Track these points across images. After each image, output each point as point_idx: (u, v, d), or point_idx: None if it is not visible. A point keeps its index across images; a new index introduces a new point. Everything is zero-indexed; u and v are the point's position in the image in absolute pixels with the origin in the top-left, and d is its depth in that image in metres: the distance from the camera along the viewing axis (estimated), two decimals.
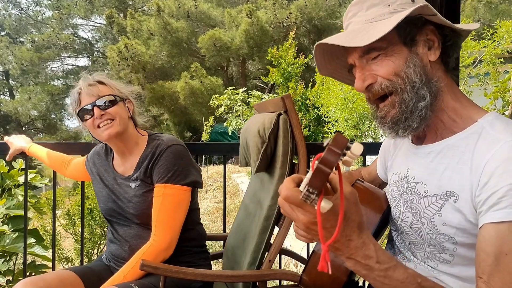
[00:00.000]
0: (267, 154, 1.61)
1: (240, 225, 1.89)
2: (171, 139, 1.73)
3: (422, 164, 1.08)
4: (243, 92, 13.86)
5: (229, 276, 1.54)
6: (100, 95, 1.67)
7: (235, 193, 10.42)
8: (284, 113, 1.58)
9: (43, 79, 27.92)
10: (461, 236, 0.96)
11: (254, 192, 1.84)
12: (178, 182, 1.64)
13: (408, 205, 1.09)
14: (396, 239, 1.18)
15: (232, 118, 13.83)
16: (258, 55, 21.08)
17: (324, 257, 0.74)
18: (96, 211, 6.87)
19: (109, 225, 1.83)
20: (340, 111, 6.28)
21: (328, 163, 0.69)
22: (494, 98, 3.37)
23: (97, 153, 1.93)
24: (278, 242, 1.58)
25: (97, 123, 1.67)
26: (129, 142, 1.75)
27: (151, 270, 1.47)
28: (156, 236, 1.60)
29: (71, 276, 1.65)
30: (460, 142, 1.00)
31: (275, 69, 12.09)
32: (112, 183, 1.79)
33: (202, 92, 18.97)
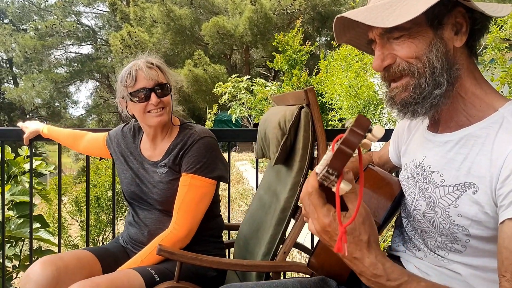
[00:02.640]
0: (287, 146, 1.61)
1: (253, 215, 1.90)
2: (204, 131, 1.74)
3: (438, 153, 1.05)
4: (246, 80, 13.82)
5: (244, 266, 1.55)
6: (159, 81, 1.68)
7: (238, 181, 10.46)
8: (306, 106, 1.57)
9: (47, 66, 27.87)
10: (476, 229, 0.94)
11: (269, 183, 1.85)
12: (205, 175, 1.66)
13: (423, 193, 1.06)
14: (407, 226, 1.17)
15: (236, 106, 13.80)
16: (261, 43, 20.97)
17: (340, 239, 0.75)
18: (102, 199, 6.92)
19: (130, 208, 1.84)
20: (345, 98, 6.24)
21: (350, 144, 0.69)
22: (501, 83, 3.33)
23: (122, 134, 1.92)
24: (293, 234, 1.59)
25: (149, 108, 1.68)
26: (166, 129, 1.77)
27: (168, 255, 1.49)
28: (176, 225, 1.62)
29: (88, 255, 1.67)
30: (480, 132, 0.96)
31: (280, 56, 12.04)
32: (137, 167, 1.80)
33: (205, 80, 18.93)
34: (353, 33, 1.12)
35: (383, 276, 0.83)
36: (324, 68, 8.23)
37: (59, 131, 2.16)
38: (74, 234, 6.51)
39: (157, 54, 1.81)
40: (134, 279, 1.47)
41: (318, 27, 22.61)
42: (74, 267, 1.58)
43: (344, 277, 1.18)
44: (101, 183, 6.86)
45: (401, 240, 1.20)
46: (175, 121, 1.80)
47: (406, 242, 1.18)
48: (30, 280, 1.49)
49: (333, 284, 1.18)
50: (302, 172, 1.57)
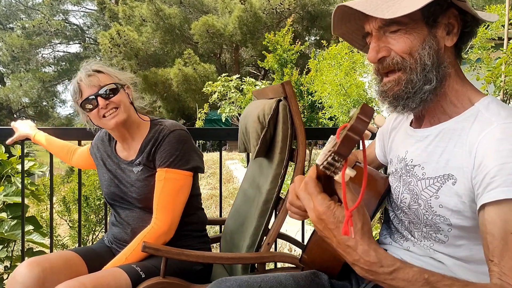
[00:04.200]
0: (267, 139, 1.63)
1: (238, 209, 1.92)
2: (173, 124, 1.75)
3: (419, 148, 1.10)
4: (236, 79, 13.81)
5: (229, 258, 1.58)
6: (101, 85, 1.68)
7: (229, 180, 10.47)
8: (284, 99, 1.60)
9: (34, 66, 27.63)
10: (456, 218, 0.99)
11: (253, 177, 1.87)
12: (179, 167, 1.67)
13: (406, 186, 1.11)
14: (394, 219, 1.21)
15: (226, 105, 13.79)
16: (251, 42, 20.95)
17: (347, 223, 0.78)
18: (91, 198, 6.88)
19: (111, 209, 1.86)
20: (335, 96, 6.30)
21: (357, 131, 0.72)
22: (487, 83, 3.40)
23: (100, 139, 1.94)
24: (276, 225, 1.62)
25: (102, 113, 1.69)
26: (132, 128, 1.77)
27: (153, 252, 1.50)
28: (157, 220, 1.64)
29: (74, 256, 1.68)
30: (457, 125, 1.02)
31: (271, 55, 12.06)
32: (114, 168, 1.81)
33: (195, 79, 18.87)
34: (349, 26, 1.16)
35: (377, 263, 0.85)
36: (314, 67, 8.29)
37: (51, 142, 2.15)
38: (63, 234, 6.47)
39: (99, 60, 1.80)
40: (120, 277, 1.47)
41: (308, 26, 22.66)
42: (60, 267, 1.58)
43: (336, 271, 1.21)
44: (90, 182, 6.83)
45: (388, 233, 1.24)
46: (143, 118, 1.80)
47: (393, 234, 1.22)
48: (17, 282, 1.49)
49: (325, 278, 1.20)
50: (283, 164, 1.60)
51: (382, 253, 0.86)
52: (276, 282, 1.09)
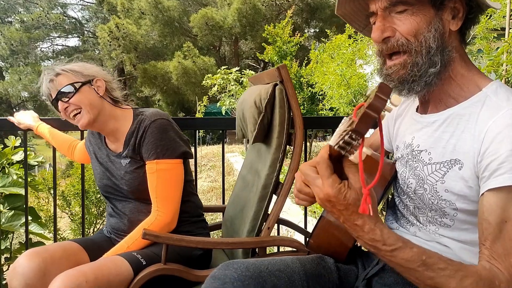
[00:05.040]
0: (264, 124, 1.63)
1: (238, 195, 1.92)
2: (154, 113, 1.70)
3: (426, 133, 1.10)
4: (236, 71, 13.78)
5: (229, 243, 1.58)
6: (58, 88, 1.65)
7: (229, 172, 10.49)
8: (280, 83, 1.59)
9: (33, 59, 27.56)
10: (462, 203, 1.00)
11: (251, 163, 1.87)
12: (168, 156, 1.64)
13: (412, 171, 1.12)
14: (399, 204, 1.22)
15: (226, 97, 13.76)
16: (250, 34, 20.91)
17: (365, 200, 0.81)
18: (91, 192, 6.89)
19: (107, 201, 1.85)
20: (336, 87, 6.29)
21: (375, 108, 0.74)
22: (488, 72, 3.41)
23: (91, 132, 1.93)
24: (276, 209, 1.62)
25: (68, 114, 1.68)
26: (110, 122, 1.73)
27: (153, 239, 1.50)
28: (160, 211, 1.63)
29: (74, 246, 1.67)
30: (464, 110, 1.02)
31: (270, 47, 12.01)
32: (106, 161, 1.80)
33: (195, 72, 18.85)
34: (352, 5, 1.15)
35: (380, 241, 0.89)
36: (315, 58, 8.26)
37: (54, 135, 2.13)
38: (63, 227, 6.49)
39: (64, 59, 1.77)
40: (121, 265, 1.47)
41: (307, 19, 22.60)
42: (60, 257, 1.58)
43: (342, 256, 1.22)
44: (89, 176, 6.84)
45: (394, 219, 1.26)
46: (124, 108, 1.77)
47: (399, 220, 1.23)
48: (17, 273, 1.49)
49: (331, 261, 1.21)
50: (281, 148, 1.60)
51: (387, 232, 0.90)
52: (283, 265, 1.09)
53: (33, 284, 1.48)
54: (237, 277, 0.98)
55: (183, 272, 1.53)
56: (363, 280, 1.18)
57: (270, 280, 1.01)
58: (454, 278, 0.86)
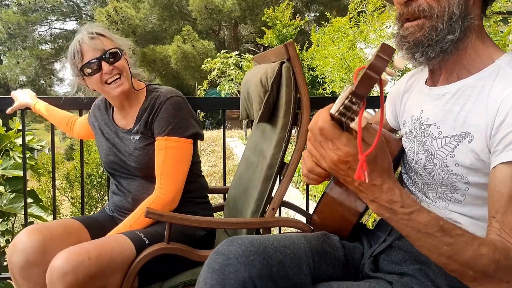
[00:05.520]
0: (270, 103, 1.61)
1: (241, 176, 1.91)
2: (169, 91, 1.71)
3: (436, 106, 1.07)
4: (236, 55, 13.69)
5: (233, 223, 1.57)
6: (105, 48, 1.64)
7: (229, 157, 10.48)
8: (287, 61, 1.56)
9: (31, 43, 27.29)
10: (474, 176, 0.97)
11: (255, 143, 1.85)
12: (179, 135, 1.64)
13: (421, 147, 1.09)
14: (407, 181, 1.19)
15: (225, 82, 13.70)
16: (250, 18, 20.73)
17: (361, 167, 0.75)
18: (93, 176, 6.89)
19: (112, 178, 1.84)
20: (337, 70, 6.24)
21: (376, 69, 0.69)
22: None
23: (97, 107, 1.91)
24: (281, 190, 1.60)
25: (105, 78, 1.65)
26: (131, 96, 1.74)
27: (156, 217, 1.48)
28: (162, 189, 1.62)
29: (75, 224, 1.66)
30: (477, 82, 0.99)
31: (270, 31, 11.92)
32: (113, 137, 1.79)
33: (194, 56, 18.72)
34: None
35: (398, 202, 0.84)
36: (316, 41, 8.20)
37: (52, 111, 2.12)
38: (65, 212, 6.50)
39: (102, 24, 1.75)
40: (124, 243, 1.46)
41: (307, 2, 22.39)
42: (61, 235, 1.56)
43: (346, 233, 1.20)
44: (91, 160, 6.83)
45: None
46: (139, 85, 1.76)
47: None
48: (17, 249, 1.48)
49: (336, 239, 1.19)
50: (287, 128, 1.58)
51: (405, 193, 0.85)
52: (289, 241, 1.07)
53: (33, 260, 1.46)
54: (241, 252, 0.95)
55: (186, 252, 1.52)
56: (369, 258, 1.16)
57: (276, 256, 0.99)
58: (471, 245, 0.83)
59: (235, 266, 0.93)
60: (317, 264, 1.08)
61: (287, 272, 0.98)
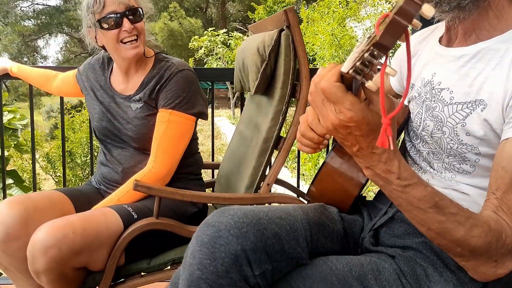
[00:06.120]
0: (267, 73, 1.53)
1: (234, 151, 1.84)
2: (181, 63, 1.63)
3: (450, 69, 0.98)
4: (223, 33, 13.52)
5: (226, 199, 1.50)
6: (130, 5, 1.54)
7: (216, 136, 10.44)
8: (286, 28, 1.48)
9: (13, 19, 26.62)
10: (486, 146, 0.91)
11: (250, 117, 1.78)
12: (185, 110, 1.57)
13: (430, 113, 1.01)
14: (411, 150, 1.12)
15: (213, 60, 13.56)
16: None
17: (385, 132, 0.65)
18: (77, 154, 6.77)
19: (101, 146, 1.75)
20: (327, 47, 6.17)
21: (407, 15, 0.57)
22: None
23: (91, 67, 1.80)
24: (277, 165, 1.54)
25: (123, 36, 1.55)
26: (140, 61, 1.66)
27: (145, 190, 1.41)
28: (155, 163, 1.55)
29: (59, 195, 1.58)
30: (499, 45, 0.89)
31: (260, 7, 11.78)
32: (108, 101, 1.69)
33: (181, 34, 18.48)
34: None
35: (395, 173, 0.78)
36: (306, 18, 8.10)
37: (30, 70, 2.03)
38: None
39: None
40: (111, 217, 1.39)
41: None
42: (44, 207, 1.48)
43: (346, 206, 1.13)
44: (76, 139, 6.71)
45: None
46: (149, 52, 1.68)
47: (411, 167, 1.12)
48: None
49: (334, 211, 1.12)
50: (285, 100, 1.50)
51: (404, 165, 0.79)
52: (285, 213, 0.99)
53: (14, 233, 1.37)
54: (233, 224, 0.87)
55: (176, 227, 1.45)
56: (370, 231, 1.09)
57: (271, 228, 0.91)
58: (463, 225, 0.78)
59: (227, 239, 0.85)
60: (314, 237, 1.01)
61: (283, 245, 0.91)
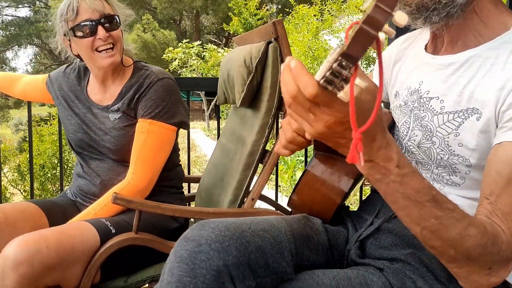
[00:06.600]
0: (253, 86, 1.51)
1: (216, 164, 1.80)
2: (161, 72, 1.58)
3: (439, 77, 0.96)
4: (198, 45, 13.50)
5: (210, 213, 1.45)
6: (105, 12, 1.48)
7: (191, 148, 10.33)
8: (274, 40, 1.46)
9: None
10: (478, 159, 0.89)
11: (233, 129, 1.75)
12: (165, 120, 1.51)
13: (418, 122, 0.99)
14: None
15: (187, 72, 13.49)
16: (212, 9, 20.52)
17: (355, 147, 0.60)
18: (47, 168, 6.56)
19: (78, 157, 1.68)
20: (303, 59, 6.23)
21: (375, 24, 0.53)
22: None
23: (65, 76, 1.72)
24: (262, 179, 1.50)
25: (97, 45, 1.49)
26: (117, 70, 1.59)
27: (125, 204, 1.35)
28: (134, 175, 1.48)
29: (31, 207, 1.51)
30: (489, 52, 0.88)
31: (236, 18, 11.83)
32: (84, 112, 1.63)
33: (154, 46, 18.38)
34: None
35: (395, 160, 0.71)
36: None
37: None
38: None
39: None
40: (88, 231, 1.32)
41: None
42: (15, 219, 1.41)
43: (328, 216, 1.10)
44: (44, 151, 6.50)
45: None
46: (127, 61, 1.62)
47: None
48: None
49: (318, 222, 1.08)
50: (271, 113, 1.48)
51: (400, 152, 0.73)
52: (268, 225, 0.95)
53: None
54: (215, 237, 0.82)
55: (156, 243, 1.39)
56: (355, 242, 1.05)
57: (254, 241, 0.87)
58: (460, 223, 0.74)
59: (208, 254, 0.80)
60: (299, 249, 0.97)
61: (267, 259, 0.87)
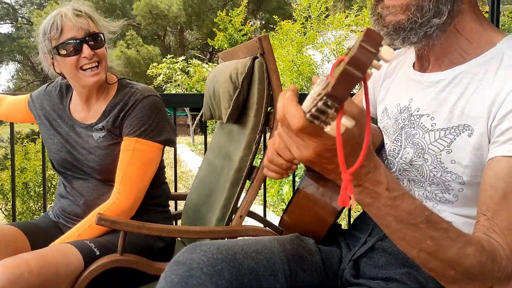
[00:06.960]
0: (240, 101, 1.49)
1: (203, 181, 1.77)
2: (147, 89, 1.55)
3: (428, 95, 0.96)
4: (182, 60, 13.52)
5: (197, 232, 1.42)
6: (90, 31, 1.46)
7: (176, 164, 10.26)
8: (260, 56, 1.46)
9: None
10: (471, 176, 0.88)
11: (219, 146, 1.73)
12: (151, 138, 1.49)
13: (410, 140, 0.98)
14: None
15: (172, 87, 13.47)
16: (196, 24, 20.63)
17: (345, 189, 0.58)
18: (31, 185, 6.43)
19: (61, 177, 1.63)
20: (287, 73, 6.27)
21: (359, 65, 0.52)
22: None
23: (47, 94, 1.69)
24: (250, 196, 1.48)
25: (82, 63, 1.46)
26: (102, 89, 1.57)
27: (109, 224, 1.31)
28: (119, 195, 1.45)
29: (13, 230, 1.46)
30: (477, 69, 0.88)
31: (221, 34, 11.90)
32: (67, 131, 1.59)
33: (138, 61, 18.34)
34: None
35: (384, 183, 0.70)
36: None
37: None
38: None
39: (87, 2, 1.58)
40: (71, 254, 1.28)
41: (254, 10, 22.55)
42: None
43: (320, 236, 1.08)
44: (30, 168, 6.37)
45: None
46: (111, 79, 1.60)
47: None
48: None
49: (311, 242, 1.07)
50: (258, 128, 1.47)
51: (390, 174, 0.72)
52: (261, 246, 0.94)
53: None
54: (206, 261, 0.81)
55: (142, 264, 1.36)
56: (349, 262, 1.04)
57: (247, 263, 0.86)
58: (456, 242, 0.72)
59: (199, 278, 0.79)
60: (293, 271, 0.95)
61: (261, 282, 0.86)
